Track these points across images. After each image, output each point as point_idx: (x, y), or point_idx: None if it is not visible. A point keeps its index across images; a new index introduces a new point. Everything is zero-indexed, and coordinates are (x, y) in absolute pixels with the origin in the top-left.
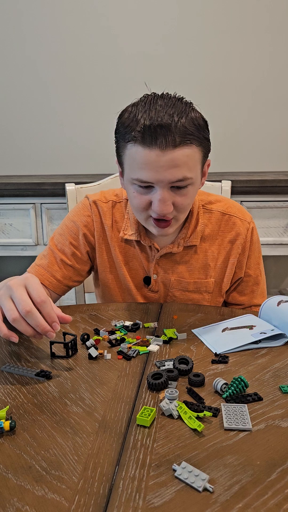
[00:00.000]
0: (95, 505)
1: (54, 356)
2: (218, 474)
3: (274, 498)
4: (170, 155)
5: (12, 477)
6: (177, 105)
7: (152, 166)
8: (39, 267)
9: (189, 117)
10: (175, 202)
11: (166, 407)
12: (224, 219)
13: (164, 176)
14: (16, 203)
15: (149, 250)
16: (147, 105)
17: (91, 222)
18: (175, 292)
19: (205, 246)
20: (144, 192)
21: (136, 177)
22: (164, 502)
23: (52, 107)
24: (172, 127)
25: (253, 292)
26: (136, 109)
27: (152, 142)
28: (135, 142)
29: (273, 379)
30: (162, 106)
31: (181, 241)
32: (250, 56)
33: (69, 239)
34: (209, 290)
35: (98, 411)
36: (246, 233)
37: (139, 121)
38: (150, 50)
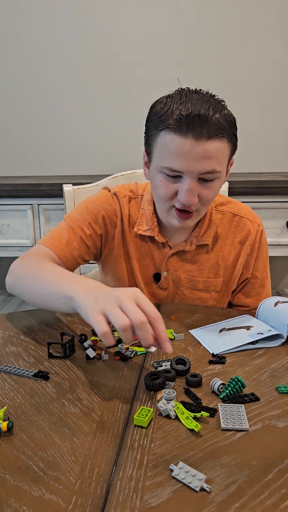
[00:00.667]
0: (92, 505)
1: (51, 356)
2: (215, 474)
3: (270, 498)
4: (203, 146)
5: (10, 477)
6: (211, 100)
7: (185, 155)
8: (56, 242)
9: (223, 112)
10: (200, 194)
11: (164, 408)
12: (235, 220)
13: (195, 166)
14: (13, 204)
15: (162, 247)
16: (183, 97)
17: (113, 211)
18: (185, 290)
19: (216, 246)
20: (172, 181)
21: (167, 165)
22: (161, 502)
23: (50, 108)
24: (208, 119)
25: (259, 294)
26: (171, 100)
27: (188, 131)
28: (170, 130)
29: (270, 380)
30: (197, 99)
31: (194, 240)
32: (248, 58)
33: (88, 220)
34: (217, 289)
35: (96, 412)
36: (255, 235)
37: (176, 110)
38: (149, 51)
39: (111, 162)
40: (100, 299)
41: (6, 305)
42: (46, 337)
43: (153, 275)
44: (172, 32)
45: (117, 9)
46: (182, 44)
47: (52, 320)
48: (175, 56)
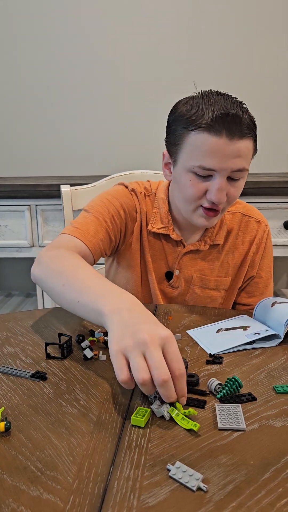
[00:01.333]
0: (90, 505)
1: (49, 357)
2: (212, 473)
3: (267, 497)
4: (237, 144)
5: (7, 477)
6: (235, 102)
7: (219, 153)
8: (85, 232)
9: (248, 113)
10: (228, 192)
11: (158, 409)
12: (244, 220)
13: (228, 164)
14: (11, 204)
15: (175, 245)
16: (210, 98)
17: (133, 206)
18: (196, 289)
19: (227, 246)
20: (202, 180)
21: (199, 164)
22: (158, 501)
23: (47, 110)
24: (241, 118)
25: (263, 294)
26: (196, 101)
27: (222, 130)
28: (204, 129)
29: (267, 379)
30: (224, 100)
31: (208, 240)
32: (246, 59)
33: (111, 213)
34: (226, 288)
35: (93, 412)
36: (262, 234)
37: (208, 110)
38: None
39: (109, 163)
40: (127, 338)
41: (3, 306)
42: (43, 337)
43: (165, 273)
44: (171, 33)
45: (116, 12)
46: (181, 45)
47: (50, 320)
48: (174, 58)
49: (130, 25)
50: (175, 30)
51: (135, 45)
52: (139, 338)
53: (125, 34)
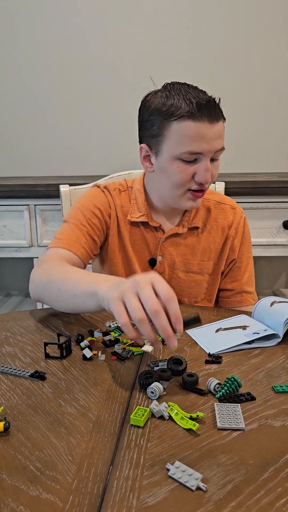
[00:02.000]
0: (89, 505)
1: (48, 357)
2: (212, 473)
3: (267, 497)
4: (216, 127)
5: (7, 477)
6: (200, 90)
7: (204, 137)
8: (67, 239)
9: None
10: (212, 172)
11: (157, 409)
12: (219, 207)
13: (213, 145)
14: (10, 204)
15: (155, 232)
16: (180, 90)
17: (107, 203)
18: (180, 273)
19: (206, 231)
20: (189, 165)
21: (186, 150)
22: (157, 501)
23: (46, 109)
24: (215, 104)
25: (244, 278)
26: (170, 93)
27: (202, 116)
28: (185, 118)
29: (266, 379)
30: (192, 88)
31: (186, 223)
32: (246, 59)
33: (87, 216)
34: (209, 272)
35: (92, 412)
36: (239, 220)
37: (184, 100)
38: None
39: (108, 163)
40: (121, 286)
41: (2, 306)
42: (42, 337)
43: (149, 260)
44: (171, 33)
45: (115, 12)
46: (180, 45)
47: (49, 320)
48: (173, 58)
49: (129, 25)
50: (175, 30)
51: (134, 45)
52: (132, 281)
53: (125, 34)
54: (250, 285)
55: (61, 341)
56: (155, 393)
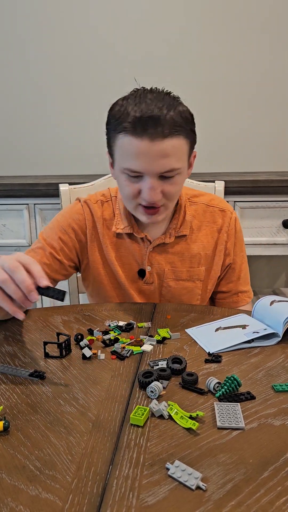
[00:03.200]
0: (89, 504)
1: (47, 356)
2: (211, 472)
3: (266, 496)
4: (160, 145)
5: (6, 477)
6: (165, 98)
7: (143, 156)
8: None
9: (177, 110)
10: (164, 190)
11: (156, 408)
12: (208, 210)
13: (154, 166)
14: (9, 203)
15: (141, 242)
16: (137, 98)
17: (83, 220)
18: (169, 281)
19: (194, 236)
20: (134, 181)
21: (127, 166)
22: (157, 500)
23: (46, 108)
24: (161, 119)
25: (239, 278)
26: (127, 102)
27: (142, 133)
28: (126, 132)
29: (265, 378)
30: (151, 99)
31: (172, 232)
32: (245, 59)
33: (58, 234)
34: (201, 278)
35: (92, 411)
36: (229, 222)
37: (130, 112)
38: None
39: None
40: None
41: None
42: (42, 337)
43: (138, 271)
44: (170, 33)
45: (113, 11)
46: (180, 46)
47: (48, 320)
48: (173, 57)
49: (129, 25)
50: (175, 31)
51: (135, 45)
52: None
53: (125, 34)
54: (245, 284)
55: (60, 340)
56: (154, 392)
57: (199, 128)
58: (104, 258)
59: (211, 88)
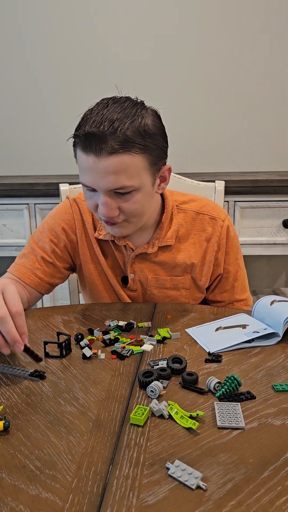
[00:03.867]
0: (89, 503)
1: (48, 356)
2: (211, 472)
3: (267, 495)
4: (105, 162)
5: (6, 476)
6: (126, 110)
7: (90, 172)
8: (20, 266)
9: (135, 124)
10: (121, 207)
11: (157, 408)
12: (198, 218)
13: (101, 182)
14: (9, 203)
15: (124, 250)
16: (97, 109)
17: (72, 220)
18: (153, 290)
19: (181, 246)
20: (91, 195)
21: (81, 180)
22: (157, 500)
23: (46, 108)
24: (108, 135)
25: (234, 288)
26: (89, 113)
27: (88, 149)
28: (78, 146)
29: (266, 378)
30: (110, 111)
31: (156, 242)
32: (245, 59)
33: (49, 237)
34: (186, 286)
35: (92, 411)
36: (220, 231)
37: (84, 126)
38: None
39: None
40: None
41: None
42: (42, 336)
43: (121, 278)
44: (170, 33)
45: (114, 10)
46: (180, 46)
47: (49, 319)
48: (172, 59)
49: (130, 25)
50: (175, 31)
51: (135, 45)
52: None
53: (125, 34)
54: (241, 293)
55: (60, 340)
56: (155, 392)
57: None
58: (95, 258)
59: (212, 88)
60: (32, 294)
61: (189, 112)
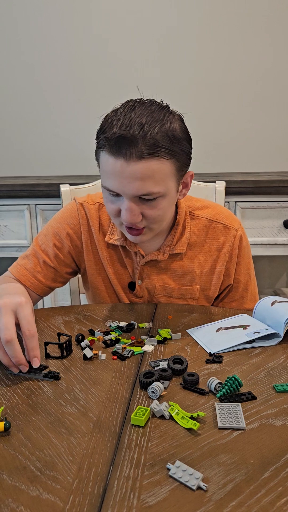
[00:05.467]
0: (89, 504)
1: (48, 357)
2: (212, 472)
3: (267, 496)
4: (134, 166)
5: (7, 477)
6: (155, 114)
7: (117, 176)
8: (21, 267)
9: (164, 128)
10: (144, 213)
11: (157, 409)
12: (211, 226)
13: (128, 188)
14: (10, 204)
15: (134, 256)
16: (124, 112)
17: (77, 224)
18: (160, 298)
19: (191, 254)
20: (114, 200)
21: (105, 185)
22: (158, 501)
23: (47, 109)
24: (139, 139)
25: (243, 297)
26: (114, 114)
27: (118, 152)
28: (104, 149)
29: (266, 378)
30: (137, 114)
31: (167, 249)
32: (247, 59)
33: (53, 241)
34: (194, 297)
35: (93, 412)
36: (233, 241)
37: (112, 128)
38: (146, 53)
39: None
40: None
41: None
42: (43, 337)
43: (128, 284)
44: (171, 33)
45: (114, 10)
46: (182, 46)
47: (49, 320)
48: (174, 59)
49: (130, 26)
50: (176, 31)
51: (135, 46)
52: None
53: (125, 35)
54: (250, 302)
55: (61, 341)
56: (155, 393)
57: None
58: (99, 264)
59: (213, 88)
60: (31, 297)
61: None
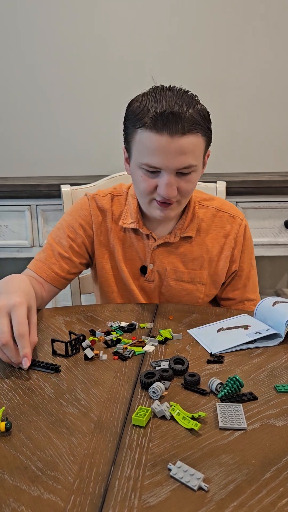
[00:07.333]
0: (90, 504)
1: (55, 354)
2: (213, 473)
3: (269, 497)
4: (179, 142)
5: (8, 477)
6: (184, 96)
7: (162, 152)
8: (36, 261)
9: (196, 108)
10: (179, 187)
11: (159, 409)
12: (218, 215)
13: (172, 162)
14: (11, 204)
15: (146, 239)
16: (157, 95)
17: (89, 216)
18: (170, 281)
19: (200, 239)
20: (151, 176)
21: (145, 162)
22: (159, 501)
23: (47, 109)
24: (182, 116)
25: (245, 286)
26: (146, 98)
27: (163, 128)
28: (146, 128)
29: (268, 379)
30: (171, 96)
31: (178, 232)
32: (248, 58)
33: (66, 232)
34: (202, 281)
35: (94, 412)
36: (238, 228)
37: (151, 108)
38: (146, 53)
39: (109, 163)
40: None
41: None
42: (44, 337)
43: (140, 268)
44: (171, 32)
45: (114, 10)
46: (182, 45)
47: (50, 320)
48: (174, 58)
49: (130, 26)
50: (176, 31)
51: (135, 45)
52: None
53: (126, 34)
54: (252, 292)
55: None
56: (156, 393)
57: None
58: (110, 253)
59: (213, 88)
60: (49, 290)
61: None
